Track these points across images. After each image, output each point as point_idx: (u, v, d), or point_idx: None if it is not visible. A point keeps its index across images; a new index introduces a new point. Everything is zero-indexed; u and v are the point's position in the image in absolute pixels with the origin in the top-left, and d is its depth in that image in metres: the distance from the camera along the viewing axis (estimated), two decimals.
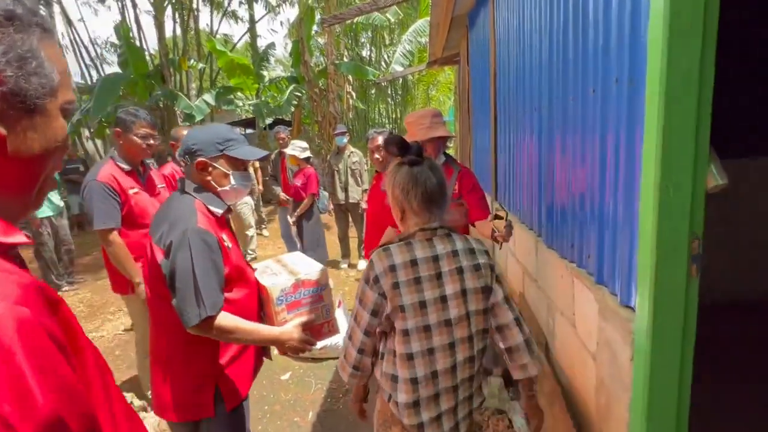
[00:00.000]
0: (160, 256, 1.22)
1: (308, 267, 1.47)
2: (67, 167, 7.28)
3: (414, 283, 1.10)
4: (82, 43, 11.37)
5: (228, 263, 1.27)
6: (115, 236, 2.26)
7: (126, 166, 2.39)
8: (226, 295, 1.27)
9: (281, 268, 1.49)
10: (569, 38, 1.70)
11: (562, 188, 1.87)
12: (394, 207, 1.19)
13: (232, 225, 1.60)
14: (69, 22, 11.48)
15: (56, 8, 11.83)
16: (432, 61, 7.15)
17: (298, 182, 4.66)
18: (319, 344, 1.47)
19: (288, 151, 4.65)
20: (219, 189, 1.34)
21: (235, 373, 1.35)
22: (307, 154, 4.66)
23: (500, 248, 3.36)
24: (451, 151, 15.99)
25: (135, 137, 2.32)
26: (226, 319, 1.23)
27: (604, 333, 1.40)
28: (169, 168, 3.17)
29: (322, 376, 3.11)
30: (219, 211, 1.33)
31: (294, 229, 4.81)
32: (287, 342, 1.33)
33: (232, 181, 1.34)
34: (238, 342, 1.30)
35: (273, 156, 5.14)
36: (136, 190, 2.38)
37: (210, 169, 1.31)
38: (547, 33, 1.98)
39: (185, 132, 2.89)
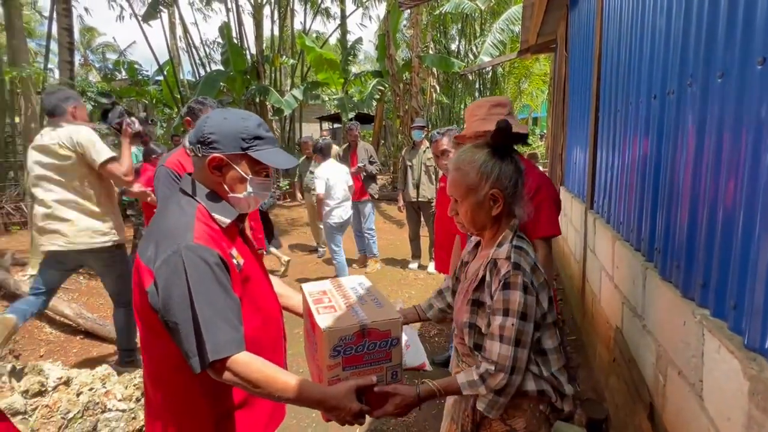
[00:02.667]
0: (148, 281, 0.95)
1: (378, 310, 1.10)
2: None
3: (542, 271, 1.12)
4: (194, 44, 12.59)
5: (235, 286, 1.01)
6: None
7: None
8: None
9: (341, 300, 1.16)
10: None
11: (693, 201, 1.36)
12: (487, 200, 1.12)
13: (311, 214, 1.32)
14: (185, 28, 12.80)
15: (176, 14, 13.26)
16: (524, 49, 6.47)
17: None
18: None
19: None
20: (230, 195, 1.07)
21: (244, 421, 1.08)
22: None
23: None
24: (541, 149, 14.75)
25: None
26: (250, 367, 0.95)
27: (762, 430, 0.92)
28: None
29: None
30: (225, 221, 1.05)
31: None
32: (334, 411, 1.00)
33: (249, 189, 1.07)
34: (268, 398, 1.00)
35: (342, 151, 5.08)
36: None
37: (225, 168, 1.05)
38: None
39: None
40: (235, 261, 1.03)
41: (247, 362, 0.95)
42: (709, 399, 1.19)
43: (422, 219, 5.26)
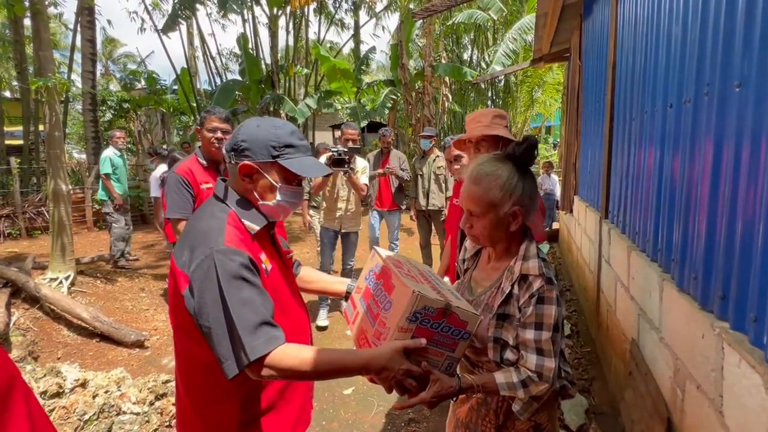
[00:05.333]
0: (183, 285, 0.96)
1: (458, 300, 1.04)
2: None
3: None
4: (210, 54, 12.88)
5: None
6: (183, 225, 2.33)
7: (204, 162, 2.47)
8: None
9: (419, 276, 1.09)
10: None
11: (711, 211, 1.34)
12: (507, 218, 1.10)
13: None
14: (202, 39, 13.12)
15: (194, 26, 13.59)
16: (537, 58, 6.46)
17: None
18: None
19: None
20: (260, 202, 1.07)
21: (270, 426, 1.08)
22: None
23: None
24: (554, 158, 14.61)
25: (206, 131, 2.41)
26: (282, 356, 0.92)
27: None
28: None
29: (386, 397, 2.86)
30: (254, 228, 1.05)
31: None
32: (383, 372, 0.94)
33: (278, 197, 1.07)
34: (313, 379, 0.98)
35: (373, 157, 5.05)
36: (210, 185, 2.43)
37: (255, 176, 1.05)
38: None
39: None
40: (263, 266, 1.04)
41: (279, 351, 0.92)
42: (730, 415, 1.16)
43: (433, 227, 5.24)
